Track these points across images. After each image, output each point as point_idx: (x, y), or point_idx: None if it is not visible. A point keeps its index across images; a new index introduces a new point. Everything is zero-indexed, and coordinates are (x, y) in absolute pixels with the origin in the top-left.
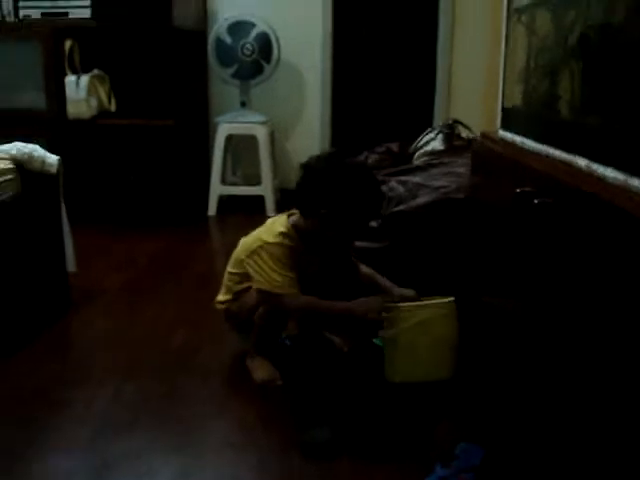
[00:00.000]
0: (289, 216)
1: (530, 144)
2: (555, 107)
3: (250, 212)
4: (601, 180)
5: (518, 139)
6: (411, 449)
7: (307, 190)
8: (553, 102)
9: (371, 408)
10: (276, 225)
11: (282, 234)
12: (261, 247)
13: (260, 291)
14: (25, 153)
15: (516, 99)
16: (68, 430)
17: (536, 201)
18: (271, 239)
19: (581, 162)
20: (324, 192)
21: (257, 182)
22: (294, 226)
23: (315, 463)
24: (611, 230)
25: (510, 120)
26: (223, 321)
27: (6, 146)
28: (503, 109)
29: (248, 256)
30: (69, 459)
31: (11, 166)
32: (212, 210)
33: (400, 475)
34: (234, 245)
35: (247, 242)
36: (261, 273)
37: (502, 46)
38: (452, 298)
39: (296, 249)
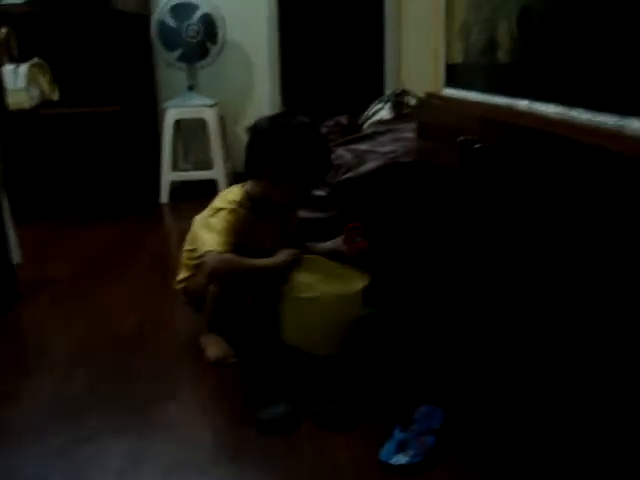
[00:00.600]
0: (244, 186)
1: (473, 96)
2: (494, 55)
3: (203, 197)
4: (543, 117)
5: (462, 94)
6: (370, 415)
7: (254, 150)
8: (492, 51)
9: (327, 376)
10: (230, 195)
11: (235, 202)
12: (213, 214)
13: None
14: None
15: (458, 55)
16: (15, 421)
17: (476, 146)
18: (224, 205)
19: (522, 104)
20: (269, 149)
21: (209, 167)
22: (248, 194)
23: (272, 438)
24: (554, 161)
25: (453, 76)
26: (176, 303)
27: None
28: (447, 66)
29: (202, 226)
30: (17, 450)
31: None
32: (164, 197)
33: (360, 442)
34: (187, 230)
35: (202, 215)
36: (203, 237)
37: (442, 3)
38: (360, 287)
39: (250, 219)
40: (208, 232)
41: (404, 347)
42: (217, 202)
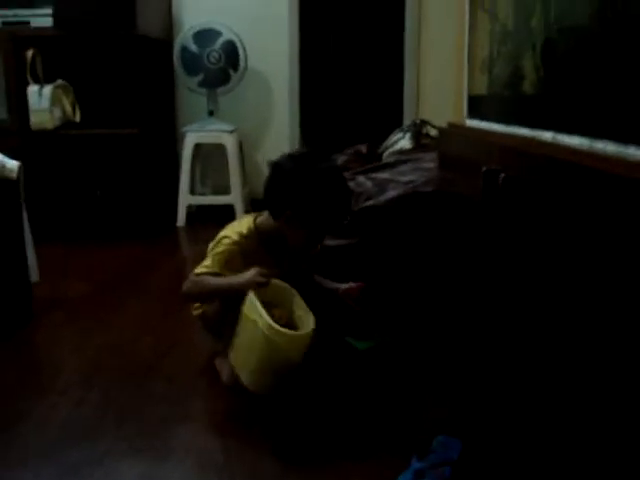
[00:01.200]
0: (257, 217)
1: (496, 127)
2: (519, 88)
3: (220, 222)
4: (567, 148)
5: (484, 125)
6: (388, 444)
7: (273, 189)
8: (517, 83)
9: (345, 405)
10: (241, 224)
11: (241, 234)
12: (219, 240)
13: None
14: None
15: (481, 87)
16: (29, 440)
17: (502, 176)
18: (230, 234)
19: (547, 135)
20: (290, 193)
21: (226, 191)
22: (257, 227)
23: (287, 463)
24: (580, 191)
25: (476, 108)
26: (192, 327)
27: None
28: (469, 98)
29: (210, 249)
30: (29, 469)
31: None
32: (181, 221)
33: (377, 470)
34: (203, 255)
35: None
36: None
37: (465, 36)
38: (303, 333)
39: (252, 251)
40: (206, 259)
41: (419, 378)
42: (227, 230)
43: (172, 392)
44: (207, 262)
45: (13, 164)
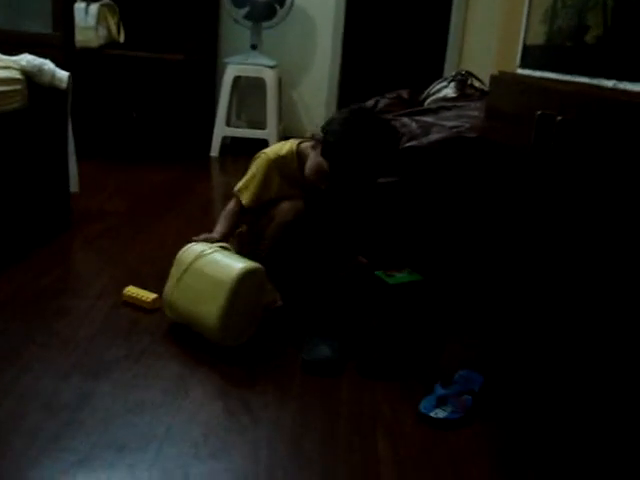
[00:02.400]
0: (301, 142)
1: (552, 75)
2: (582, 37)
3: (252, 155)
4: (629, 94)
5: (538, 74)
6: (412, 371)
7: (329, 134)
8: (580, 33)
9: (373, 330)
10: (284, 146)
11: (277, 154)
12: (259, 156)
13: None
14: (35, 65)
15: (538, 36)
16: (68, 333)
17: (559, 119)
18: (268, 151)
19: (607, 83)
20: (342, 146)
21: (261, 126)
22: (299, 152)
23: (316, 380)
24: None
25: (531, 57)
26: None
27: (16, 57)
28: (524, 47)
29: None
30: (68, 359)
31: (19, 77)
32: (215, 151)
33: (400, 392)
34: (233, 185)
35: None
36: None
37: None
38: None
39: (291, 171)
40: (247, 173)
41: (451, 314)
42: (270, 149)
43: None
44: (246, 177)
45: (63, 74)
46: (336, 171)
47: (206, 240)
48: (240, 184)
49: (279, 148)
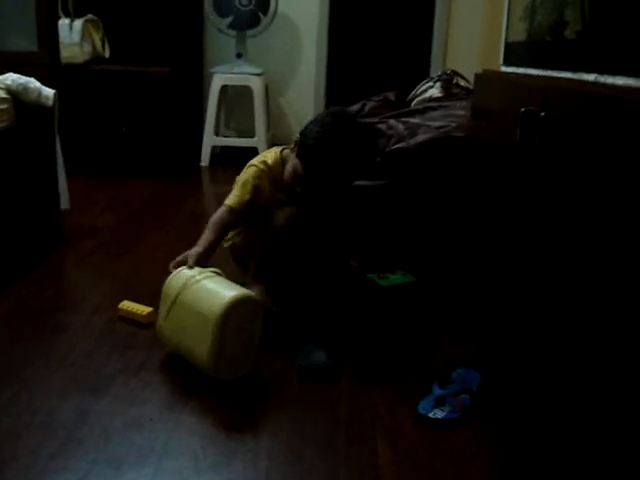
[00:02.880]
0: (284, 149)
1: (535, 72)
2: (561, 33)
3: (243, 164)
4: (611, 87)
5: (521, 70)
6: (409, 372)
7: (304, 136)
8: (559, 28)
9: (368, 334)
10: (269, 153)
11: (265, 163)
12: (246, 169)
13: None
14: (20, 84)
15: (519, 34)
16: (65, 350)
17: (542, 114)
18: (256, 162)
19: (588, 77)
20: (311, 140)
21: (250, 134)
22: (283, 158)
23: (313, 386)
24: (624, 127)
25: (513, 55)
26: (219, 259)
27: (1, 77)
28: (506, 45)
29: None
30: (66, 376)
31: (5, 96)
32: (205, 161)
33: (399, 395)
34: (225, 193)
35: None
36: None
37: None
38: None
39: (278, 179)
40: (235, 188)
41: (444, 314)
42: (255, 159)
43: None
44: (235, 191)
45: (49, 92)
46: (310, 173)
47: (184, 260)
48: (230, 194)
49: (264, 157)
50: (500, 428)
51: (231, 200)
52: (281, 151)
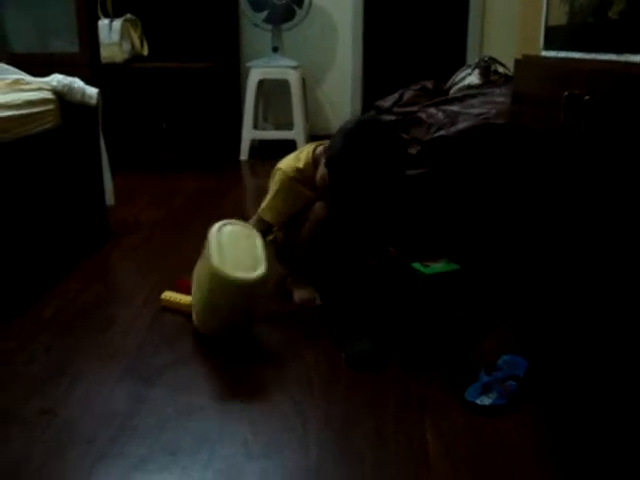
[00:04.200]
0: (317, 147)
1: (577, 55)
2: (605, 14)
3: (281, 156)
4: None
5: (563, 54)
6: (455, 360)
7: (330, 146)
8: (603, 9)
9: (412, 322)
10: (301, 154)
11: (295, 169)
12: (277, 173)
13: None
14: (65, 84)
15: (560, 17)
16: (117, 342)
17: (586, 98)
18: (285, 168)
19: (635, 58)
20: (338, 160)
21: (288, 127)
22: (315, 159)
23: (360, 375)
24: None
25: (554, 39)
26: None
27: (46, 78)
28: (546, 29)
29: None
30: (118, 367)
31: (51, 97)
32: (244, 154)
33: (446, 382)
34: (266, 187)
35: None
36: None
37: None
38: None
39: (307, 181)
40: (269, 193)
41: (489, 301)
42: (284, 161)
43: None
44: (269, 197)
45: (92, 91)
46: (335, 186)
47: None
48: (263, 205)
49: (296, 160)
50: (549, 415)
51: (267, 215)
52: (314, 149)
